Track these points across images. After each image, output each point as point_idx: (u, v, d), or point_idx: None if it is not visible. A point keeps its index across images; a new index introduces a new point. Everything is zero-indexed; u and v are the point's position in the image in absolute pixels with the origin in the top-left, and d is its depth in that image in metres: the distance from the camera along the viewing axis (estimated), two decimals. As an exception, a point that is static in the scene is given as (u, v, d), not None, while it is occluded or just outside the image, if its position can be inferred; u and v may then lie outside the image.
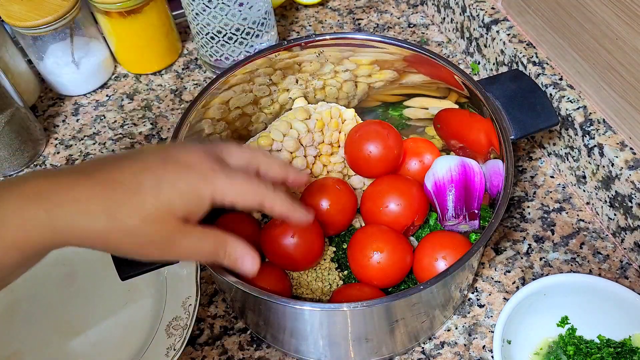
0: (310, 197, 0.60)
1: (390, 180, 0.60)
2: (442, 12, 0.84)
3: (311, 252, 0.57)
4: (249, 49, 0.77)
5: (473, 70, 0.80)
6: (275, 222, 0.57)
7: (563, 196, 0.68)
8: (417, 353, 0.58)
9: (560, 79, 0.67)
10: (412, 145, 0.64)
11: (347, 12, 0.91)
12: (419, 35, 0.86)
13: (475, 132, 0.60)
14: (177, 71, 0.85)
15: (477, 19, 0.76)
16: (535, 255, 0.63)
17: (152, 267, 0.51)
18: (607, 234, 0.64)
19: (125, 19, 0.77)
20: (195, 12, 0.73)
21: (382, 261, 0.55)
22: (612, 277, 0.61)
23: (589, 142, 0.62)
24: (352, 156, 0.62)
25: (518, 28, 0.72)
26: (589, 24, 0.59)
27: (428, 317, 0.54)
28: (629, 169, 0.58)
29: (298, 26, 0.89)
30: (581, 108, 0.64)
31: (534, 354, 0.55)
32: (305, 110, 0.64)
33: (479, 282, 0.62)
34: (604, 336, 0.54)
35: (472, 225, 0.57)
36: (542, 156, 0.72)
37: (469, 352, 0.57)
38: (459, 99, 0.62)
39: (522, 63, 0.70)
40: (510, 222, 0.66)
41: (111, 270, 0.44)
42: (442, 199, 0.57)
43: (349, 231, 0.62)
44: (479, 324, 0.59)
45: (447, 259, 0.54)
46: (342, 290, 0.56)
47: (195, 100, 0.58)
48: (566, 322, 0.56)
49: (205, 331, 0.61)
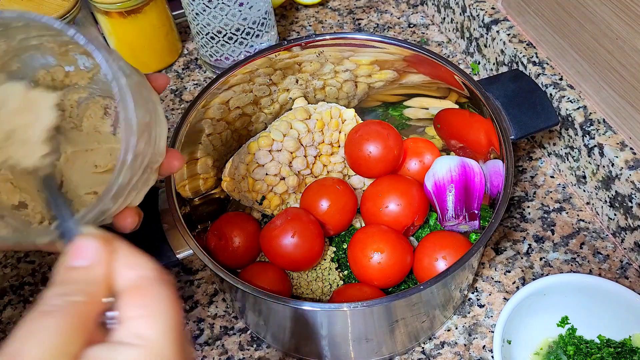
0: (310, 197, 0.60)
1: (390, 180, 0.60)
2: (442, 12, 0.84)
3: (311, 252, 0.57)
4: (249, 49, 0.77)
5: (473, 70, 0.80)
6: (275, 222, 0.57)
7: (563, 196, 0.68)
8: (417, 353, 0.58)
9: (561, 79, 0.67)
10: (412, 145, 0.64)
11: (347, 12, 0.91)
12: (419, 35, 0.86)
13: (475, 132, 0.60)
14: (177, 71, 0.85)
15: (477, 19, 0.76)
16: (536, 255, 0.63)
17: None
18: (607, 234, 0.64)
19: (125, 19, 0.77)
20: (195, 12, 0.73)
21: (382, 261, 0.55)
22: (612, 277, 0.61)
23: (589, 142, 0.62)
24: (352, 156, 0.62)
25: (518, 28, 0.72)
26: (589, 24, 0.59)
27: (428, 317, 0.54)
28: (629, 169, 0.58)
29: (298, 26, 0.89)
30: (581, 108, 0.64)
31: (534, 354, 0.55)
32: (305, 110, 0.64)
33: (479, 282, 0.62)
34: (604, 336, 0.54)
35: (472, 225, 0.57)
36: (542, 156, 0.72)
37: (469, 352, 0.57)
38: (459, 99, 0.62)
39: (522, 63, 0.69)
40: (510, 222, 0.66)
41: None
42: (442, 199, 0.57)
43: (349, 231, 0.62)
44: (479, 324, 0.59)
45: (447, 259, 0.54)
46: (342, 290, 0.56)
47: (195, 100, 0.58)
48: (566, 322, 0.56)
49: (205, 331, 0.61)
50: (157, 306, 0.28)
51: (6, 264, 0.67)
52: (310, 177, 0.65)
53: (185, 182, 0.58)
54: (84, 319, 0.27)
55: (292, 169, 0.63)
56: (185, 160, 0.58)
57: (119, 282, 0.29)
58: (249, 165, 0.62)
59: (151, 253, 0.53)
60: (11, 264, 0.67)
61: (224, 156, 0.65)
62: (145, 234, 0.53)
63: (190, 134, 0.58)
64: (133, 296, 0.28)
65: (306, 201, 0.60)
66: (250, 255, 0.60)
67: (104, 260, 0.29)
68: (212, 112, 0.61)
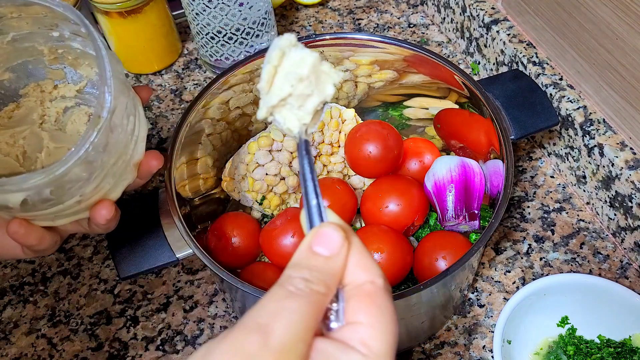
0: (310, 197, 0.60)
1: (390, 180, 0.60)
2: (442, 12, 0.84)
3: (311, 252, 0.56)
4: (249, 49, 0.77)
5: (473, 70, 0.80)
6: (275, 222, 0.57)
7: (563, 196, 0.68)
8: (417, 353, 0.58)
9: (560, 79, 0.67)
10: (412, 145, 0.64)
11: (347, 12, 0.91)
12: (419, 35, 0.86)
13: (475, 132, 0.60)
14: (177, 71, 0.85)
15: (477, 19, 0.76)
16: (536, 255, 0.63)
17: (153, 268, 0.52)
18: (607, 234, 0.64)
19: (125, 19, 0.77)
20: (195, 12, 0.73)
21: (382, 261, 0.54)
22: (612, 277, 0.61)
23: (589, 142, 0.62)
24: (352, 156, 0.62)
25: (518, 28, 0.72)
26: (589, 24, 0.59)
27: (428, 317, 0.54)
28: (629, 169, 0.58)
29: (298, 26, 0.89)
30: (581, 108, 0.64)
31: (534, 354, 0.55)
32: (305, 110, 0.64)
33: (479, 282, 0.62)
34: (604, 336, 0.54)
35: (472, 225, 0.57)
36: (542, 156, 0.71)
37: (469, 352, 0.57)
38: (459, 99, 0.62)
39: (522, 63, 0.69)
40: (510, 222, 0.66)
41: None
42: (442, 199, 0.57)
43: (349, 231, 0.62)
44: (479, 324, 0.59)
45: (447, 259, 0.54)
46: (342, 290, 0.56)
47: (195, 100, 0.58)
48: (566, 322, 0.56)
49: (205, 331, 0.61)
50: (384, 319, 0.28)
51: (6, 264, 0.67)
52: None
53: (185, 182, 0.58)
54: (320, 309, 0.27)
55: (292, 169, 0.63)
56: (185, 160, 0.58)
57: (348, 280, 0.29)
58: (249, 165, 0.62)
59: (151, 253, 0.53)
60: (11, 264, 0.67)
61: (224, 156, 0.65)
62: (145, 234, 0.53)
63: (190, 134, 0.58)
64: (363, 301, 0.28)
65: (306, 201, 0.60)
66: (250, 255, 0.60)
67: (343, 255, 0.29)
68: (212, 112, 0.61)
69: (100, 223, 0.42)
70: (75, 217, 0.42)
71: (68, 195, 0.38)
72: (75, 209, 0.41)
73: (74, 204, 0.40)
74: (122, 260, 0.50)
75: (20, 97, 0.45)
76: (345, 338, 0.27)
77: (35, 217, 0.41)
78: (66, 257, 0.67)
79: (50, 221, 0.42)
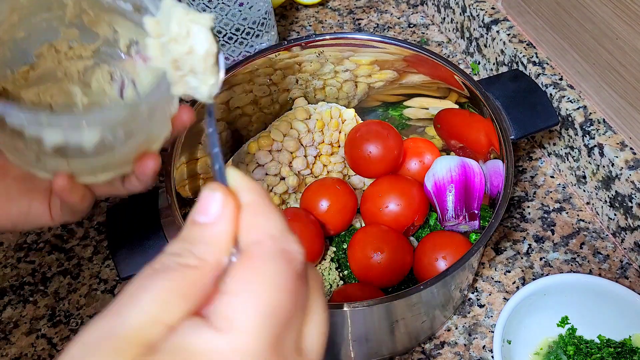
0: (310, 197, 0.60)
1: (390, 180, 0.60)
2: (442, 12, 0.84)
3: (311, 252, 0.57)
4: (249, 49, 0.77)
5: (473, 70, 0.80)
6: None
7: (563, 196, 0.68)
8: (417, 353, 0.58)
9: (560, 79, 0.67)
10: (412, 145, 0.64)
11: (347, 12, 0.91)
12: (419, 35, 0.86)
13: (475, 132, 0.60)
14: (177, 71, 0.85)
15: (477, 19, 0.76)
16: (536, 255, 0.63)
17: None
18: (607, 234, 0.64)
19: (125, 19, 0.77)
20: (195, 12, 0.73)
21: (382, 261, 0.55)
22: (612, 277, 0.61)
23: (589, 142, 0.62)
24: (352, 156, 0.62)
25: (518, 28, 0.72)
26: (589, 24, 0.59)
27: (428, 317, 0.54)
28: (629, 169, 0.58)
29: (298, 26, 0.89)
30: (581, 108, 0.64)
31: (534, 354, 0.55)
32: (305, 110, 0.64)
33: (479, 282, 0.62)
34: (604, 336, 0.54)
35: (472, 225, 0.57)
36: (542, 156, 0.71)
37: (469, 352, 0.57)
38: (459, 99, 0.62)
39: (522, 63, 0.69)
40: (510, 222, 0.66)
41: None
42: (442, 199, 0.57)
43: (349, 231, 0.62)
44: (479, 324, 0.59)
45: (447, 259, 0.54)
46: (342, 290, 0.56)
47: (195, 100, 0.58)
48: (566, 322, 0.56)
49: (205, 331, 0.61)
50: (258, 286, 0.22)
51: (6, 264, 0.67)
52: (310, 177, 0.65)
53: (185, 182, 0.58)
54: (191, 284, 0.23)
55: (292, 169, 0.63)
56: (185, 160, 0.58)
57: (241, 244, 0.24)
58: (249, 165, 0.62)
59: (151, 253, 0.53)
60: (11, 264, 0.67)
61: (224, 156, 0.65)
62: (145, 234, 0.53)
63: (190, 134, 0.58)
64: (239, 266, 0.23)
65: (306, 201, 0.60)
66: (250, 255, 0.60)
67: (226, 219, 0.24)
68: (212, 112, 0.61)
69: (147, 174, 0.39)
70: (120, 170, 0.39)
71: (129, 141, 0.36)
72: (124, 160, 0.38)
73: (125, 153, 0.37)
74: (122, 260, 0.50)
75: (33, 59, 0.42)
76: (208, 312, 0.22)
77: (82, 171, 0.38)
78: (66, 257, 0.67)
79: (93, 176, 0.39)
